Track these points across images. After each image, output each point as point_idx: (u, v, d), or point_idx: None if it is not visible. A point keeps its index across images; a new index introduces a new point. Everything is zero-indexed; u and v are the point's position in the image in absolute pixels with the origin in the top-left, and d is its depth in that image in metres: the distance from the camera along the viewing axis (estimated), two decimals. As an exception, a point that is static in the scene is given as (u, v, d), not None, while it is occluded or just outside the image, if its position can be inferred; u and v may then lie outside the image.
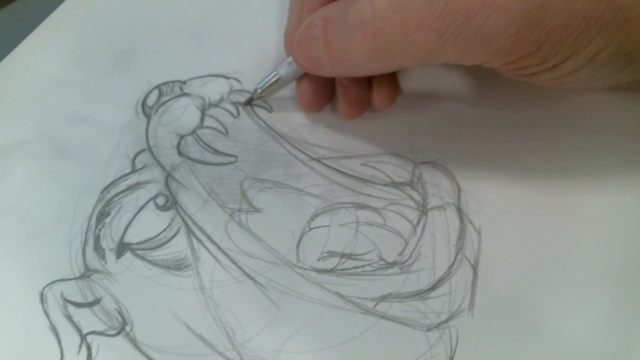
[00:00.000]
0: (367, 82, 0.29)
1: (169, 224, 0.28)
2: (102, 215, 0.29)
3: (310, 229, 0.28)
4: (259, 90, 0.30)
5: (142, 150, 0.30)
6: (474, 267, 0.26)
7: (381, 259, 0.27)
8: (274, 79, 0.29)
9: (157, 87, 0.33)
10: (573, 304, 0.25)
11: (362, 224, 0.28)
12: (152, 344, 0.25)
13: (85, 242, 0.28)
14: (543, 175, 0.28)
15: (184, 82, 0.33)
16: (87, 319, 0.26)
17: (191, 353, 0.25)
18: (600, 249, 0.26)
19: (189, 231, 0.28)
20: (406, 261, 0.27)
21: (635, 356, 0.24)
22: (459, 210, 0.27)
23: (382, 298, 0.26)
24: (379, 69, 0.25)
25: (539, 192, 0.28)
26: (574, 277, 0.26)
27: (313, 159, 0.30)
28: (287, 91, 0.32)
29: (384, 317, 0.25)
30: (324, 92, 0.29)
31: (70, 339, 0.26)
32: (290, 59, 0.28)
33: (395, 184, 0.29)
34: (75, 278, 0.27)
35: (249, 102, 0.31)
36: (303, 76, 0.29)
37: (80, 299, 0.26)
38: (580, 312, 0.25)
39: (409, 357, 0.24)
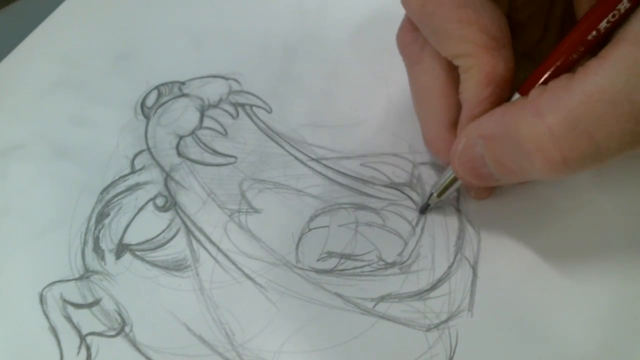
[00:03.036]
0: None
1: (168, 225, 0.28)
2: (102, 216, 0.29)
3: (310, 230, 0.28)
4: (435, 194, 0.26)
5: (141, 151, 0.30)
6: (474, 268, 0.26)
7: (380, 259, 0.27)
8: (450, 178, 0.26)
9: (156, 87, 0.33)
10: (572, 304, 0.25)
11: (362, 225, 0.28)
12: (152, 344, 0.25)
13: (85, 243, 0.28)
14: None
15: (183, 83, 0.33)
16: (87, 320, 0.26)
17: (191, 354, 0.25)
18: (600, 248, 0.26)
19: (189, 232, 0.28)
20: (405, 261, 0.27)
21: (635, 356, 0.24)
22: (458, 210, 0.27)
23: (382, 298, 0.26)
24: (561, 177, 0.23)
25: (538, 192, 0.28)
26: (573, 277, 0.26)
27: (312, 159, 0.30)
28: (287, 91, 0.32)
29: (383, 317, 0.25)
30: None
31: (70, 339, 0.26)
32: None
33: (394, 185, 0.29)
34: (75, 279, 0.27)
35: (424, 209, 0.27)
36: None
37: (79, 300, 0.26)
38: (580, 312, 0.25)
39: (408, 357, 0.24)
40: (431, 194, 0.26)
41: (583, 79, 0.19)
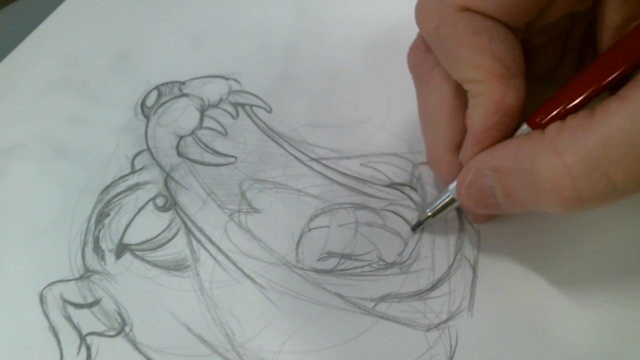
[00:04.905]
0: None
1: (169, 225, 0.28)
2: (102, 216, 0.29)
3: (310, 230, 0.28)
4: (430, 213, 0.26)
5: (141, 151, 0.31)
6: (474, 268, 0.26)
7: (380, 259, 0.27)
8: (446, 200, 0.25)
9: (156, 87, 0.33)
10: (572, 304, 0.25)
11: (362, 225, 0.28)
12: (152, 344, 0.25)
13: (85, 243, 0.28)
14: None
15: (183, 83, 0.33)
16: (87, 320, 0.26)
17: (191, 354, 0.25)
18: (600, 249, 0.26)
19: (189, 232, 0.28)
20: (405, 261, 0.27)
21: (635, 357, 0.24)
22: (458, 210, 0.27)
23: (382, 298, 0.26)
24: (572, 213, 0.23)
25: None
26: (573, 278, 0.26)
27: (312, 159, 0.30)
28: (287, 91, 0.32)
29: (383, 317, 0.25)
30: None
31: (70, 339, 0.26)
32: (453, 185, 0.25)
33: (394, 185, 0.29)
34: (75, 279, 0.27)
35: (417, 227, 0.27)
36: None
37: (79, 300, 0.26)
38: (580, 312, 0.25)
39: (408, 357, 0.24)
40: (427, 215, 0.26)
41: (603, 119, 0.19)
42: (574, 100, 0.20)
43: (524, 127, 0.22)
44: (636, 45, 0.19)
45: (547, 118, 0.21)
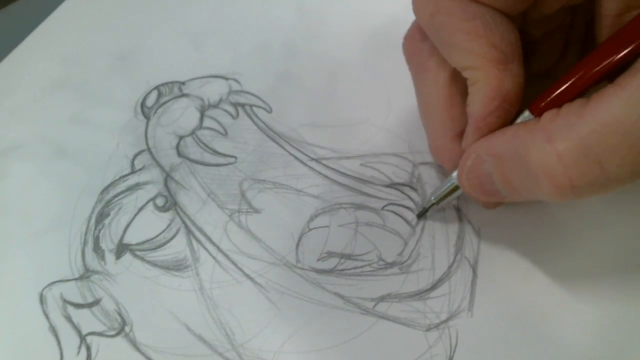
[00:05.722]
0: None
1: (169, 225, 0.28)
2: (102, 216, 0.29)
3: (310, 230, 0.28)
4: (434, 200, 0.26)
5: (141, 151, 0.31)
6: (474, 268, 0.26)
7: (380, 259, 0.27)
8: (450, 187, 0.25)
9: (156, 87, 0.33)
10: (572, 304, 0.25)
11: (362, 225, 0.28)
12: (152, 344, 0.25)
13: (85, 243, 0.28)
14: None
15: (183, 83, 0.33)
16: (87, 320, 0.26)
17: (190, 354, 0.25)
18: (600, 249, 0.26)
19: (189, 232, 0.28)
20: (405, 261, 0.27)
21: (634, 357, 0.24)
22: (458, 210, 0.27)
23: (382, 298, 0.26)
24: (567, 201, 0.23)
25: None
26: (573, 278, 0.26)
27: (312, 159, 0.30)
28: (287, 91, 0.32)
29: (383, 317, 0.25)
30: None
31: (70, 339, 0.26)
32: (457, 172, 0.25)
33: (394, 185, 0.29)
34: (75, 279, 0.27)
35: (422, 214, 0.27)
36: None
37: (79, 300, 0.26)
38: (580, 312, 0.25)
39: (408, 357, 0.24)
40: (431, 202, 0.26)
41: (597, 106, 0.19)
42: (571, 88, 0.20)
43: (526, 113, 0.22)
44: (635, 34, 0.19)
45: (546, 105, 0.21)
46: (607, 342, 0.24)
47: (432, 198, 0.26)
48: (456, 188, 0.25)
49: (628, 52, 0.19)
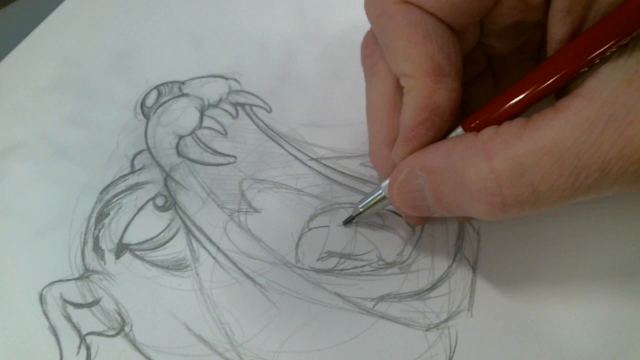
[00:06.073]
0: None
1: (169, 225, 0.28)
2: (102, 216, 0.29)
3: (310, 230, 0.28)
4: (361, 209, 0.26)
5: (141, 151, 0.31)
6: (474, 268, 0.26)
7: (380, 259, 0.27)
8: (378, 198, 0.25)
9: (156, 87, 0.33)
10: (572, 304, 0.25)
11: (362, 225, 0.28)
12: (152, 344, 0.25)
13: (85, 243, 0.28)
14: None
15: (183, 83, 0.33)
16: (87, 320, 0.26)
17: (191, 354, 0.25)
18: (600, 249, 0.26)
19: (189, 232, 0.28)
20: (405, 261, 0.27)
21: (634, 357, 0.24)
22: (458, 210, 0.27)
23: (382, 298, 0.26)
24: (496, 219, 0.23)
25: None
26: (573, 278, 0.26)
27: (312, 159, 0.30)
28: (287, 91, 0.32)
29: (383, 317, 0.25)
30: None
31: (70, 339, 0.26)
32: (386, 182, 0.24)
33: (394, 185, 0.29)
34: (75, 279, 0.27)
35: (349, 222, 0.27)
36: None
37: (79, 300, 0.26)
38: (579, 312, 0.25)
39: (408, 357, 0.24)
40: (359, 210, 0.26)
41: (536, 128, 0.19)
42: (510, 107, 0.20)
43: (459, 130, 0.22)
44: (574, 56, 0.19)
45: (481, 123, 0.21)
46: (607, 342, 0.24)
47: (360, 207, 0.26)
48: (384, 198, 0.25)
49: (568, 73, 0.19)
